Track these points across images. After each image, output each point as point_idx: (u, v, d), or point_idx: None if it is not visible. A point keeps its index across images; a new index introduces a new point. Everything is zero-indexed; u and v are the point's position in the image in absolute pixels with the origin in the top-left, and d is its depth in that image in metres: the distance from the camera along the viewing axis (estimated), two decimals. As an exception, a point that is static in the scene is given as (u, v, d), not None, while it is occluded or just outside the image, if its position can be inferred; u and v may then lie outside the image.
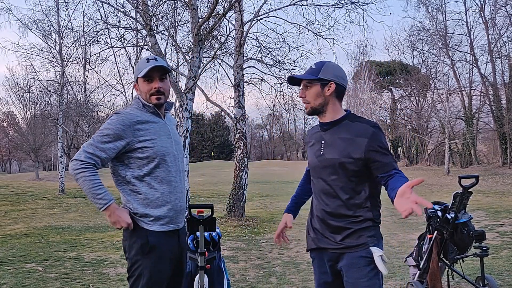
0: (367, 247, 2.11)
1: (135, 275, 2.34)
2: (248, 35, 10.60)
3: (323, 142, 2.22)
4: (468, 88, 28.31)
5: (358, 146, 2.09)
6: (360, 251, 2.12)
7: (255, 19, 10.51)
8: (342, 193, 2.15)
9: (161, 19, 9.39)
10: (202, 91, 10.89)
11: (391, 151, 2.18)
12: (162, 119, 2.47)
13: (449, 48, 26.67)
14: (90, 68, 18.75)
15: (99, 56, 16.32)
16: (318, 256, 2.28)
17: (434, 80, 27.90)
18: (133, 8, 8.25)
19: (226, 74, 15.56)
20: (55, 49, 17.30)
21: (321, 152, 2.21)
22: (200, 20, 7.21)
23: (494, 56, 26.45)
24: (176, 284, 2.53)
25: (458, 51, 27.45)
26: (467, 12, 27.35)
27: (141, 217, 2.35)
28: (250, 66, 11.52)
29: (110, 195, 2.29)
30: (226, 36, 10.88)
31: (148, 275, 2.31)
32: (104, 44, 10.82)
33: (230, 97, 10.85)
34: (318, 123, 2.30)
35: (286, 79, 2.28)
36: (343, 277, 2.16)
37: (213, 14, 7.43)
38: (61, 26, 17.02)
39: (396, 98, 37.29)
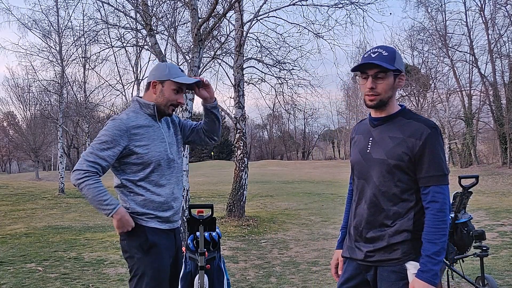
0: (401, 263, 1.89)
1: (138, 274, 2.35)
2: (248, 35, 10.61)
3: (371, 139, 2.00)
4: (468, 88, 28.31)
5: (409, 149, 1.86)
6: (392, 266, 1.91)
7: (255, 19, 10.51)
8: (384, 199, 1.92)
9: (161, 19, 9.38)
10: (202, 91, 10.86)
11: (444, 161, 1.89)
12: (157, 123, 2.47)
13: (449, 48, 26.65)
14: (90, 68, 18.75)
15: (99, 55, 16.37)
16: (349, 263, 2.09)
17: (434, 80, 27.85)
18: (133, 8, 8.25)
19: (226, 74, 15.57)
20: (55, 49, 17.32)
21: (368, 150, 1.99)
22: (200, 20, 7.20)
23: (494, 56, 26.46)
24: (172, 283, 2.54)
25: (458, 51, 27.46)
26: (467, 12, 27.39)
27: (139, 215, 2.37)
28: (250, 66, 11.53)
29: (116, 200, 2.29)
30: (226, 36, 10.88)
31: (150, 273, 2.33)
32: (104, 43, 10.84)
33: (230, 97, 10.86)
34: (368, 116, 2.08)
35: (358, 64, 1.95)
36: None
37: (213, 14, 7.42)
38: (61, 25, 17.06)
39: (396, 98, 37.22)
